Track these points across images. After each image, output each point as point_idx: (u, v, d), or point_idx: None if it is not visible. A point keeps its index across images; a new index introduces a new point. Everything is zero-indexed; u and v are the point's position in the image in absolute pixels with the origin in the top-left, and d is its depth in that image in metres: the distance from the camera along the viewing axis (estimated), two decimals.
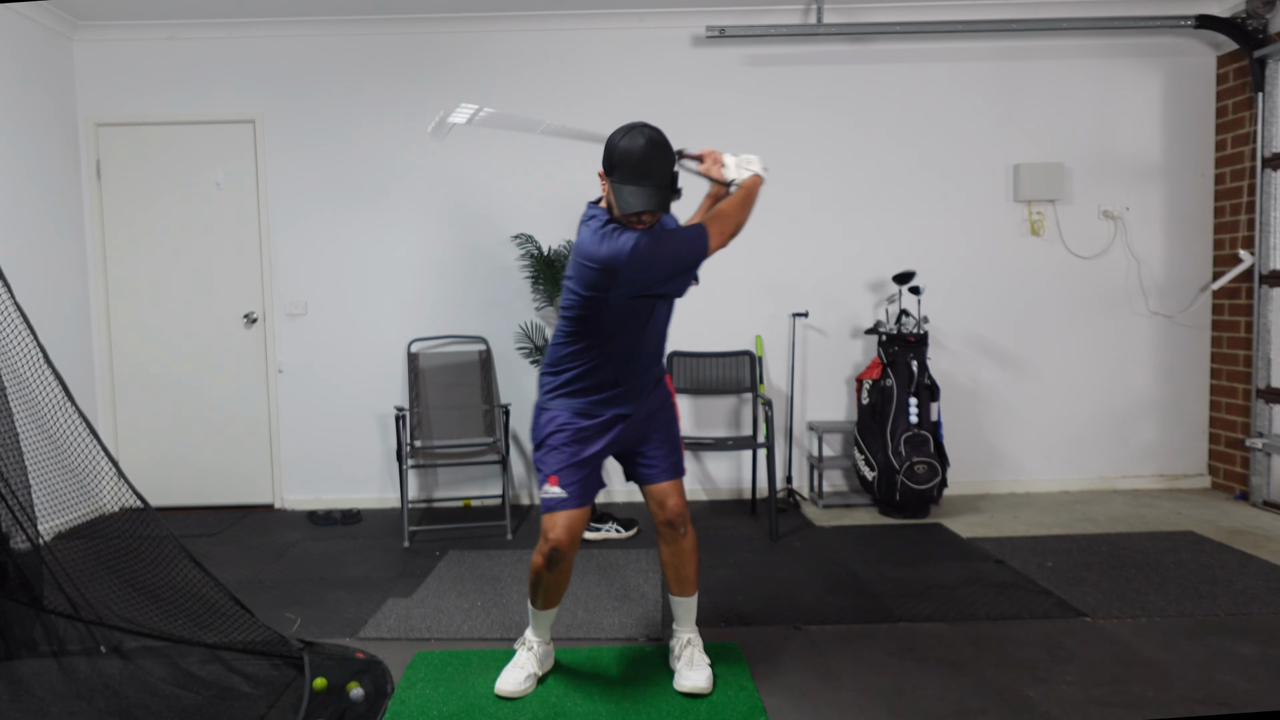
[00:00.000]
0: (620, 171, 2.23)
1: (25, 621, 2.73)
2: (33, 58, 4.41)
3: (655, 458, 2.54)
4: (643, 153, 2.21)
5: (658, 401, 2.57)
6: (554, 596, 2.56)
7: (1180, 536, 3.95)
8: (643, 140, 2.22)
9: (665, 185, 2.25)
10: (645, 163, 2.21)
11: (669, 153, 2.28)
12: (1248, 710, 2.35)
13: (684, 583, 2.59)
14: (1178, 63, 4.83)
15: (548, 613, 2.61)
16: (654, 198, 2.21)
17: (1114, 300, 4.88)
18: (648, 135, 2.23)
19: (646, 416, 2.53)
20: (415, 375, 4.62)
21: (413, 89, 4.74)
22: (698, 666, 2.53)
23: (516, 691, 2.48)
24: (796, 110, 4.80)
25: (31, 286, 4.17)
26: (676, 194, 2.31)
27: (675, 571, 2.58)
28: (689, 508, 2.64)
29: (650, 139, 2.23)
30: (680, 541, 2.55)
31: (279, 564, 3.84)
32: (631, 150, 2.21)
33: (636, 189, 2.21)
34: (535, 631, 2.63)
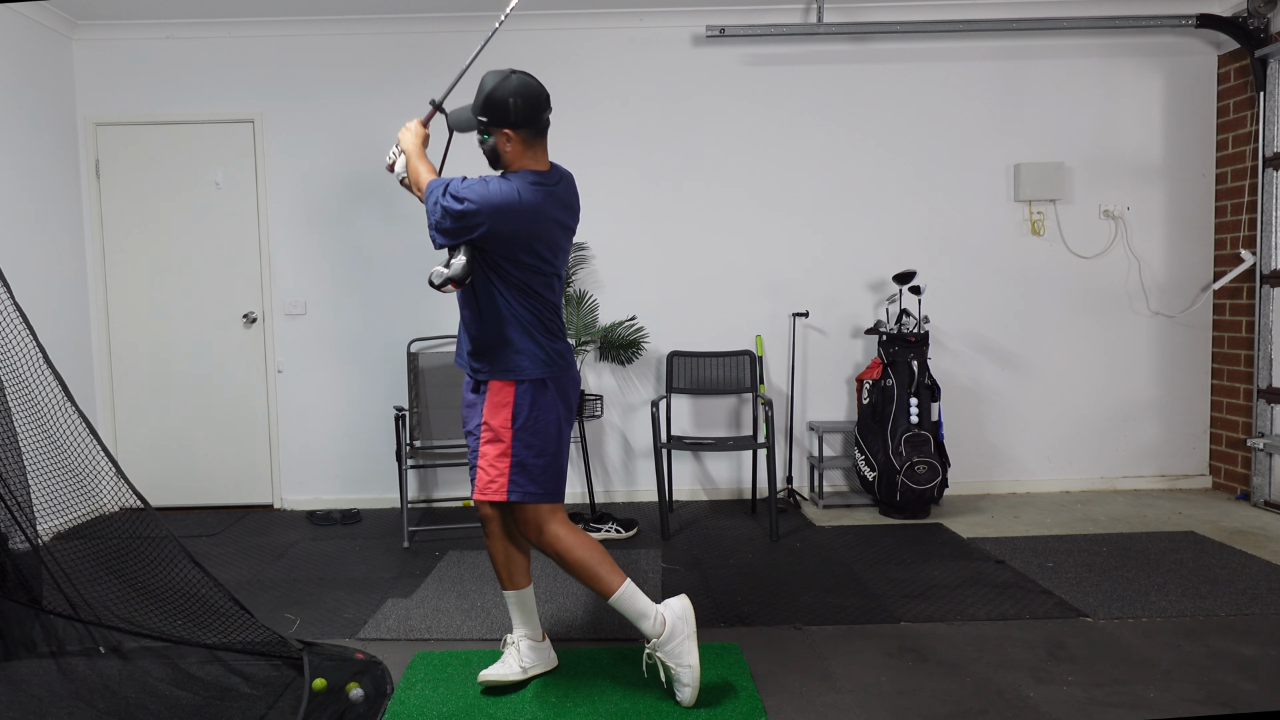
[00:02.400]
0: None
1: (24, 622, 2.73)
2: (32, 57, 4.41)
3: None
4: (481, 81, 2.42)
5: (474, 409, 2.46)
6: (503, 573, 2.57)
7: (1181, 537, 3.94)
8: (490, 74, 2.41)
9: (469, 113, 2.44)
10: (478, 89, 2.42)
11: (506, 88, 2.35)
12: (1248, 710, 2.35)
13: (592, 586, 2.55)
14: (1179, 62, 4.82)
15: (511, 596, 2.58)
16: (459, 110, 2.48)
17: (1115, 300, 4.88)
18: (498, 71, 2.39)
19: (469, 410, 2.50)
20: (415, 375, 4.61)
21: (412, 89, 4.73)
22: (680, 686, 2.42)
23: (496, 676, 2.49)
24: (796, 110, 4.79)
25: (31, 286, 4.17)
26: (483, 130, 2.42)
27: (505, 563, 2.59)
28: (692, 509, 2.61)
29: (494, 72, 2.39)
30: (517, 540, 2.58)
31: (278, 564, 3.84)
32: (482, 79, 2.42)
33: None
34: (514, 624, 2.62)
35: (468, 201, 2.28)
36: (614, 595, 2.41)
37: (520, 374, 2.39)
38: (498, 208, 2.28)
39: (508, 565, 2.56)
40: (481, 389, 2.45)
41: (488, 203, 2.27)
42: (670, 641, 2.41)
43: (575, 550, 2.42)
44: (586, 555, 2.42)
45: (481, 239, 2.31)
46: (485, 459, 2.39)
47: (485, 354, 2.42)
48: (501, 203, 2.28)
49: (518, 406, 2.39)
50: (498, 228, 2.29)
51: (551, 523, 2.43)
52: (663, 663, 2.41)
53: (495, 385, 2.41)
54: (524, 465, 2.39)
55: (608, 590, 2.41)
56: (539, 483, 2.41)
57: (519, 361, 2.39)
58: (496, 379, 2.41)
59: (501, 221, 2.29)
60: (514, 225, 2.31)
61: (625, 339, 4.61)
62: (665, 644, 2.41)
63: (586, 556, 2.42)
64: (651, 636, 2.42)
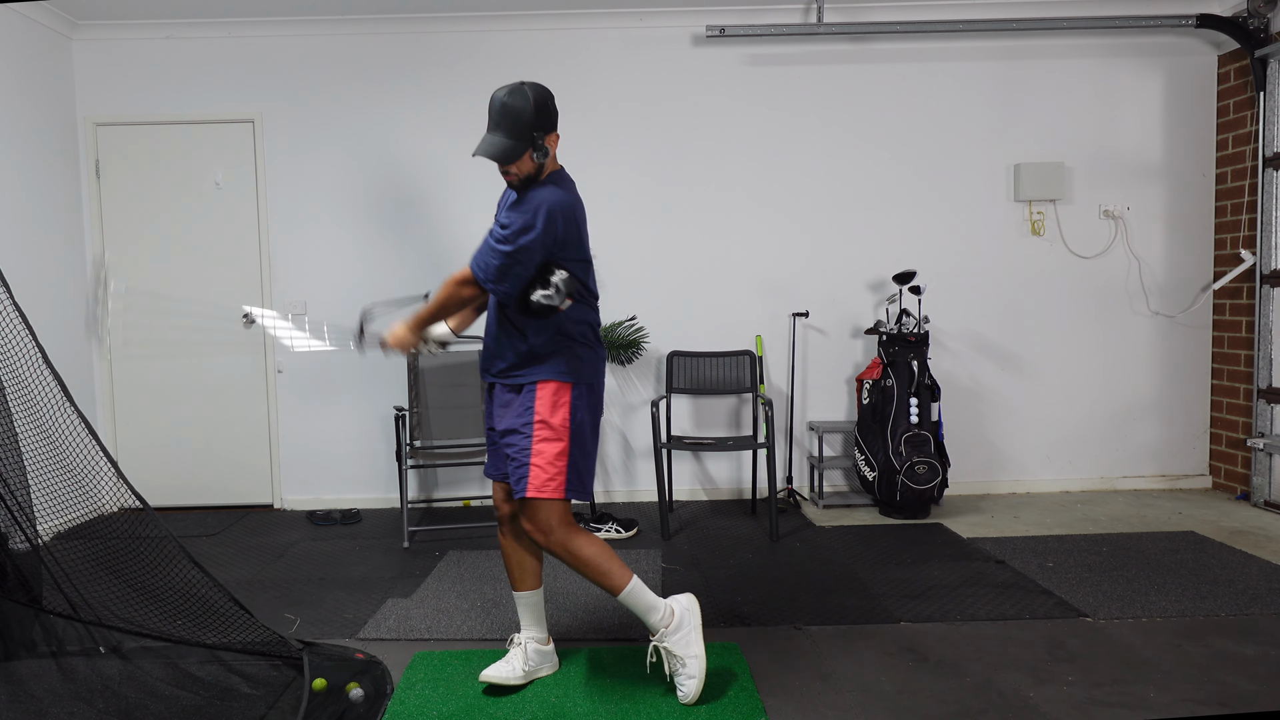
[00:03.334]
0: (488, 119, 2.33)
1: (24, 622, 2.73)
2: (32, 57, 4.41)
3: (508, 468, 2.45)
4: (498, 104, 2.28)
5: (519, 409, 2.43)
6: (513, 573, 2.60)
7: (1181, 537, 3.94)
8: (504, 93, 2.29)
9: (516, 139, 2.27)
10: (497, 114, 2.28)
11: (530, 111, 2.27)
12: (1248, 710, 2.35)
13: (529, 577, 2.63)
14: (1179, 62, 4.82)
15: (522, 597, 2.60)
16: (489, 146, 2.28)
17: (1115, 300, 4.88)
18: (512, 89, 2.29)
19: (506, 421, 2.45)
20: (415, 375, 4.61)
21: (412, 89, 4.74)
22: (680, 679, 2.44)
23: (498, 677, 2.49)
24: (796, 110, 4.79)
25: (31, 286, 4.17)
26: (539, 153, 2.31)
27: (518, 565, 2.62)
28: (692, 509, 2.61)
29: (512, 92, 2.28)
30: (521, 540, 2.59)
31: (278, 564, 3.84)
32: (493, 100, 2.30)
33: (485, 136, 2.31)
34: (523, 626, 2.63)
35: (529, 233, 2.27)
36: (623, 592, 2.42)
37: (579, 376, 2.43)
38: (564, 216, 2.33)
39: (524, 564, 2.59)
40: (527, 389, 2.42)
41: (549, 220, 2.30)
42: (678, 631, 2.43)
43: (585, 549, 2.42)
44: (595, 553, 2.43)
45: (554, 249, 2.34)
46: (542, 457, 2.37)
47: (539, 359, 2.41)
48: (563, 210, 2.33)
49: (575, 406, 2.42)
50: (567, 234, 2.34)
51: (565, 523, 2.44)
52: (669, 653, 2.43)
53: (552, 385, 2.41)
54: (576, 464, 2.42)
55: (617, 587, 2.42)
56: (584, 481, 2.46)
57: (577, 365, 2.44)
58: (554, 380, 2.41)
59: (568, 228, 2.34)
60: (577, 223, 2.38)
61: (625, 339, 4.61)
62: (673, 634, 2.43)
63: (595, 554, 2.43)
64: (659, 628, 2.44)
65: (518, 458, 2.39)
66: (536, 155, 2.31)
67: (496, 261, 2.29)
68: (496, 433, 2.52)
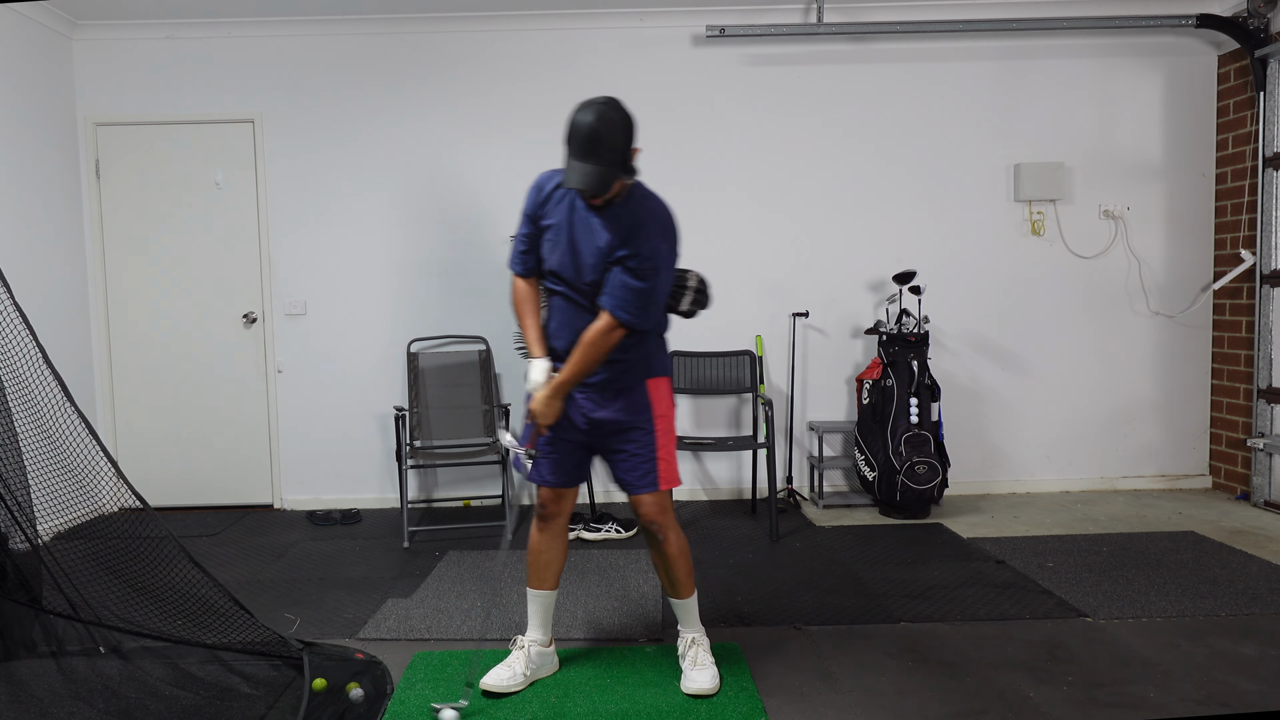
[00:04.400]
0: (568, 145, 2.21)
1: (24, 622, 2.73)
2: (32, 57, 4.41)
3: (624, 468, 2.48)
4: (589, 130, 2.15)
5: (633, 407, 2.45)
6: (545, 571, 2.58)
7: (1181, 537, 3.94)
8: (591, 117, 2.16)
9: (610, 166, 2.17)
10: (590, 140, 2.15)
11: (622, 132, 2.20)
12: (1248, 710, 2.35)
13: (675, 585, 2.58)
14: (1178, 62, 4.82)
15: (536, 596, 2.59)
16: (588, 177, 2.16)
17: (1115, 300, 4.88)
18: (599, 112, 2.17)
19: (615, 418, 2.45)
20: (415, 375, 4.61)
21: (412, 89, 4.74)
22: (701, 667, 2.52)
23: (500, 686, 2.48)
24: (797, 110, 4.79)
25: (31, 286, 4.17)
26: (627, 174, 2.27)
27: (664, 574, 2.59)
28: (692, 509, 2.63)
29: (601, 116, 2.16)
30: (662, 546, 2.54)
31: (278, 564, 3.84)
32: (578, 126, 2.17)
33: (575, 164, 2.17)
34: (530, 627, 2.62)
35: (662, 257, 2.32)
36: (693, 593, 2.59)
37: (670, 370, 2.57)
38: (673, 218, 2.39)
39: (551, 564, 2.58)
40: (639, 388, 2.46)
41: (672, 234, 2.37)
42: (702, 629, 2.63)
43: (685, 541, 2.57)
44: (686, 545, 2.58)
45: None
46: (667, 450, 2.49)
47: (648, 357, 2.47)
48: (671, 214, 2.39)
49: (671, 399, 2.56)
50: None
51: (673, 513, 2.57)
52: (703, 650, 2.56)
53: (664, 381, 2.52)
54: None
55: (693, 585, 2.59)
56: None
57: (667, 359, 2.57)
58: (663, 375, 2.52)
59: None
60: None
61: None
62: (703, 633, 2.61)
63: (686, 546, 2.57)
64: (698, 628, 2.60)
65: (642, 453, 2.45)
66: (626, 177, 2.27)
67: (644, 300, 2.30)
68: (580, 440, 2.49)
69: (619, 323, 2.31)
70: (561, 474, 2.52)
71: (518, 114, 4.75)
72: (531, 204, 2.45)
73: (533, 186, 2.46)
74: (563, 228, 2.38)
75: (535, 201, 2.43)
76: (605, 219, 2.33)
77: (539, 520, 2.57)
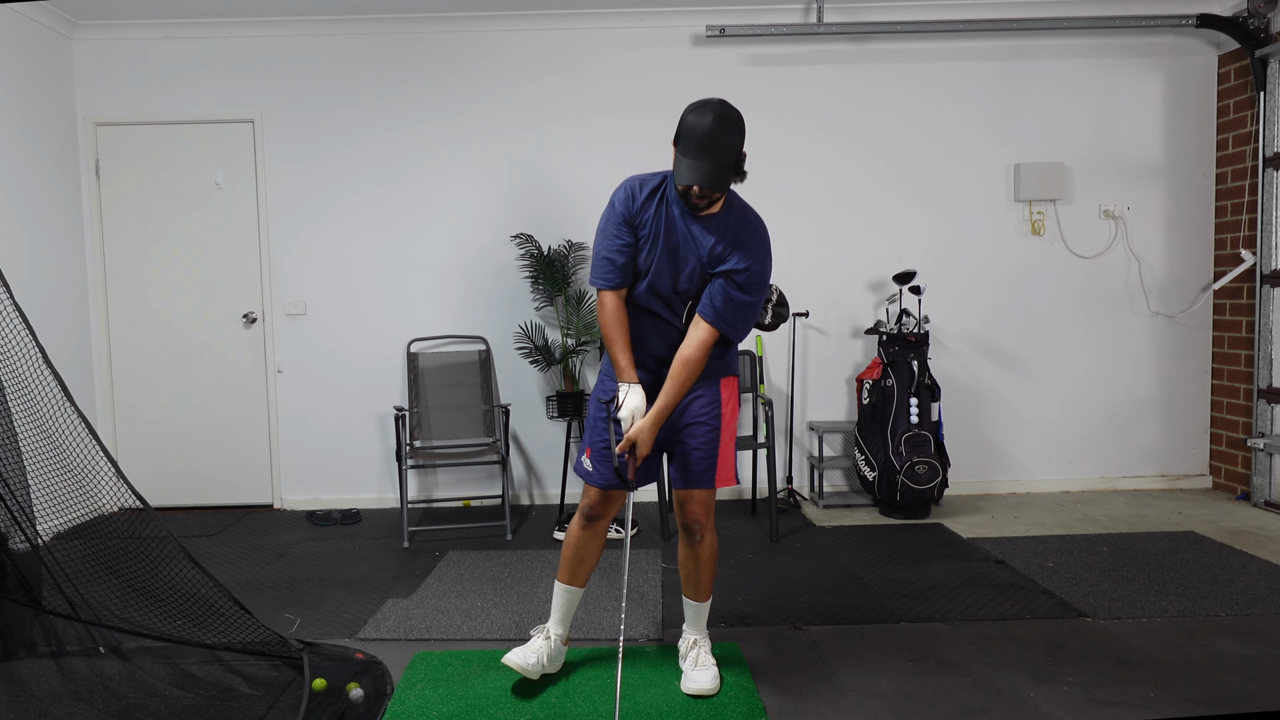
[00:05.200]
0: (683, 143, 2.22)
1: (24, 622, 2.73)
2: (32, 57, 4.41)
3: (685, 462, 2.48)
4: (708, 129, 2.16)
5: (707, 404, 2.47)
6: (581, 569, 2.57)
7: (1181, 537, 3.94)
8: (711, 117, 2.17)
9: (724, 164, 2.19)
10: (708, 139, 2.16)
11: (737, 134, 2.22)
12: (1248, 710, 2.35)
13: (698, 588, 2.58)
14: (1179, 62, 4.82)
15: (566, 591, 2.58)
16: (707, 174, 2.17)
17: (1115, 300, 4.88)
18: (718, 112, 2.18)
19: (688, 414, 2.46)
20: (415, 375, 4.61)
21: (413, 89, 4.74)
22: (703, 667, 2.52)
23: (522, 666, 2.48)
24: (796, 110, 4.79)
25: (31, 286, 4.17)
26: (740, 176, 2.27)
27: (690, 575, 2.58)
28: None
29: (720, 115, 2.18)
30: (696, 547, 2.53)
31: (278, 564, 3.83)
32: (697, 125, 2.18)
33: (692, 162, 2.19)
34: (553, 620, 2.61)
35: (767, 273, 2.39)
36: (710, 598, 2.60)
37: (739, 369, 2.61)
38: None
39: (586, 562, 2.59)
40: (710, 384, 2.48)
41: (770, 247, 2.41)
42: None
43: (716, 540, 2.58)
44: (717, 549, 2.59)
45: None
46: (729, 450, 2.53)
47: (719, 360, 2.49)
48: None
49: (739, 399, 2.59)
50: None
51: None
52: (705, 651, 2.58)
53: (734, 381, 2.55)
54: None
55: (711, 592, 2.60)
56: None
57: (736, 359, 2.59)
58: (733, 375, 2.55)
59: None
60: None
61: None
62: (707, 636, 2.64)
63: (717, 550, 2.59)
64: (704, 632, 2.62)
65: (705, 449, 2.46)
66: (738, 179, 2.28)
67: (748, 314, 2.36)
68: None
69: (717, 336, 2.34)
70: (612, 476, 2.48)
71: (517, 113, 4.75)
72: (629, 211, 2.36)
73: (624, 193, 2.37)
74: (659, 237, 2.35)
75: (628, 208, 2.36)
76: (708, 227, 2.33)
77: (584, 519, 2.56)
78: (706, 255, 2.32)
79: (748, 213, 2.39)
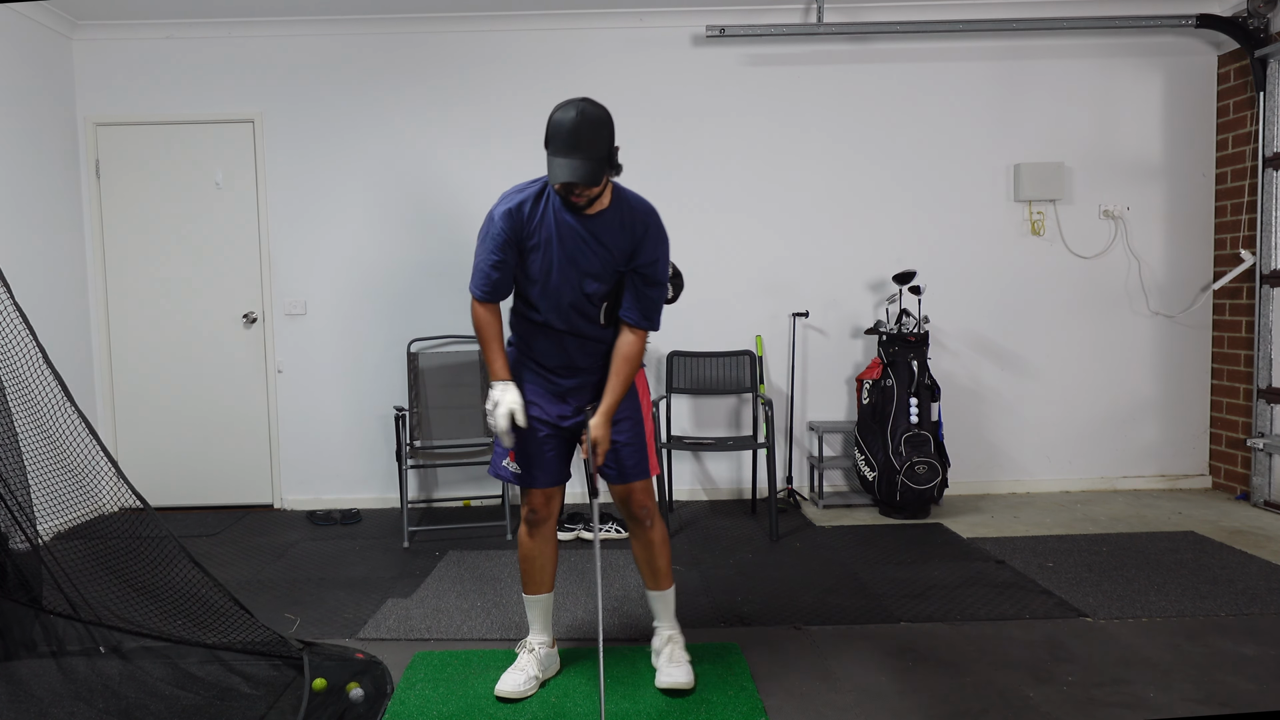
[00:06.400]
0: (552, 144, 2.20)
1: (24, 622, 2.73)
2: (32, 57, 4.41)
3: (614, 459, 2.48)
4: (572, 124, 2.16)
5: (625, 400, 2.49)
6: (541, 576, 2.58)
7: (1181, 537, 3.94)
8: (574, 113, 2.17)
9: (595, 158, 2.17)
10: (574, 135, 2.15)
11: (604, 128, 2.20)
12: (1248, 710, 2.35)
13: (657, 575, 2.59)
14: (1178, 62, 4.82)
15: (536, 600, 2.60)
16: (578, 170, 2.16)
17: (1115, 300, 4.88)
18: (580, 108, 2.18)
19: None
20: (415, 375, 4.61)
21: (413, 88, 4.74)
22: (677, 663, 2.53)
23: (516, 693, 2.47)
24: (796, 110, 4.79)
25: (31, 286, 4.17)
26: (614, 170, 2.26)
27: (647, 564, 2.59)
28: (692, 509, 2.64)
29: (582, 111, 2.17)
30: (647, 533, 2.56)
31: (278, 564, 3.84)
32: (563, 123, 2.17)
33: (563, 160, 2.17)
34: (532, 629, 2.62)
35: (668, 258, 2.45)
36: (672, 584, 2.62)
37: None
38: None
39: (546, 568, 2.60)
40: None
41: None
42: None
43: (664, 524, 2.62)
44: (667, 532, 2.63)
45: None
46: (651, 436, 2.57)
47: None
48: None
49: (649, 388, 2.63)
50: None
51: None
52: (679, 646, 2.59)
53: (643, 372, 2.63)
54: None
55: (671, 578, 2.62)
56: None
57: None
58: (642, 367, 2.59)
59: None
60: None
61: None
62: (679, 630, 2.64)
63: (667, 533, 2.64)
64: (675, 625, 2.63)
65: (634, 442, 2.49)
66: (612, 173, 2.27)
67: (661, 303, 2.42)
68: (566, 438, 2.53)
69: (644, 333, 2.40)
70: (550, 474, 2.53)
71: (517, 113, 4.74)
72: (509, 227, 2.33)
73: (502, 210, 2.34)
74: (551, 244, 2.33)
75: (513, 225, 2.33)
76: (601, 225, 2.32)
77: (529, 527, 2.57)
78: (617, 254, 2.33)
79: (637, 202, 2.39)
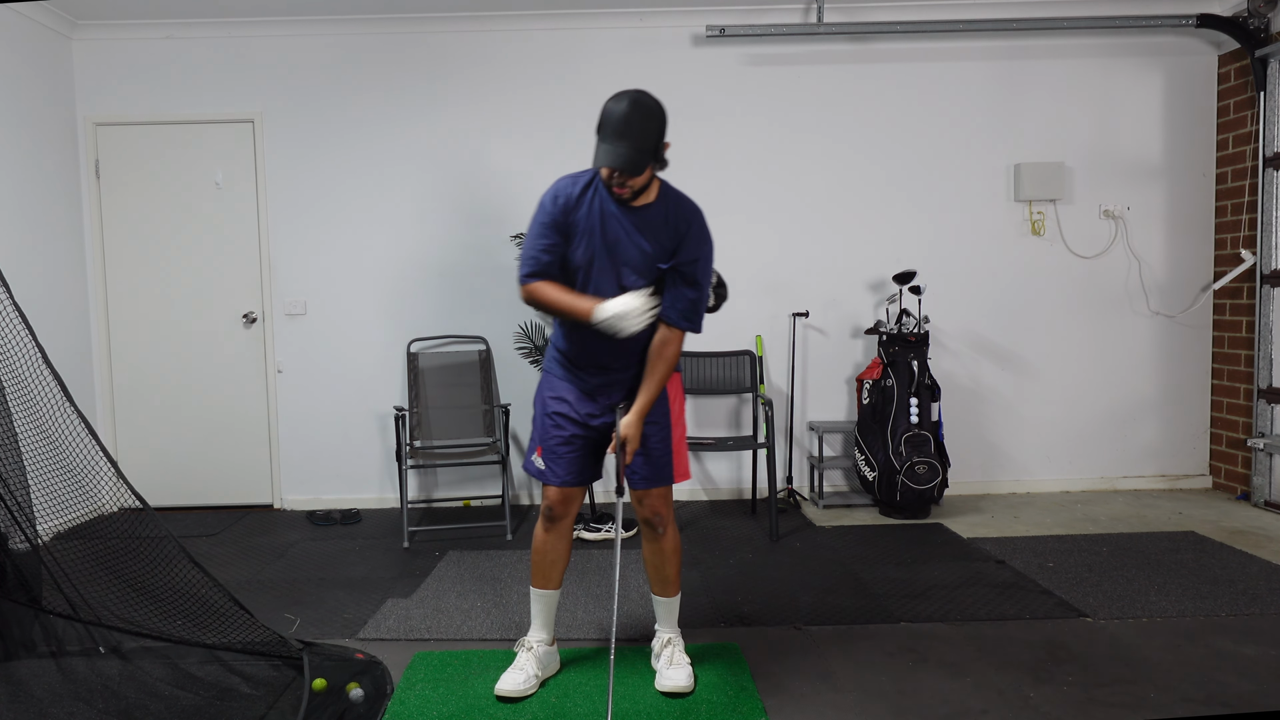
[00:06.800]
0: (602, 130, 2.24)
1: (24, 622, 2.73)
2: (32, 57, 4.41)
3: (641, 462, 2.49)
4: (623, 112, 2.21)
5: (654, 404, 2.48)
6: (553, 572, 2.57)
7: (1181, 537, 3.94)
8: (626, 103, 2.23)
9: (640, 149, 2.21)
10: (623, 123, 2.20)
11: (654, 120, 2.25)
12: (1248, 710, 2.35)
13: (665, 583, 2.60)
14: (1179, 62, 4.82)
15: (542, 595, 2.59)
16: (620, 156, 2.19)
17: (1115, 300, 4.88)
18: (633, 97, 2.24)
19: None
20: (415, 375, 4.61)
21: (413, 88, 4.74)
22: (677, 665, 2.53)
23: (516, 692, 2.47)
24: (796, 110, 4.79)
25: (31, 286, 4.17)
26: (660, 164, 2.29)
27: (656, 571, 2.60)
28: (692, 509, 2.64)
29: (635, 101, 2.23)
30: (659, 541, 2.56)
31: (278, 564, 3.84)
32: (614, 111, 2.23)
33: (608, 147, 2.21)
34: (533, 625, 2.62)
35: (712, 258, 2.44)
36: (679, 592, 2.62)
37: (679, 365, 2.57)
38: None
39: (557, 564, 2.59)
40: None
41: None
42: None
43: (678, 531, 2.60)
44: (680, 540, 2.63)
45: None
46: (681, 445, 2.56)
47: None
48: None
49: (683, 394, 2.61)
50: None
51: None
52: (679, 649, 2.59)
53: (678, 376, 2.59)
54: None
55: (679, 585, 2.62)
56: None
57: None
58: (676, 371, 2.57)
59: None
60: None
61: None
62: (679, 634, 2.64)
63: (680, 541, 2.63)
64: (676, 629, 2.64)
65: (659, 448, 2.49)
66: (657, 165, 2.29)
67: (702, 304, 2.39)
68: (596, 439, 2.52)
69: (681, 333, 2.38)
70: (575, 474, 2.51)
71: (517, 113, 4.75)
72: (558, 211, 2.34)
73: (551, 195, 2.36)
74: (595, 232, 2.35)
75: (561, 209, 2.34)
76: (645, 219, 2.33)
77: (546, 521, 2.56)
78: (654, 249, 2.33)
79: (684, 200, 2.40)
